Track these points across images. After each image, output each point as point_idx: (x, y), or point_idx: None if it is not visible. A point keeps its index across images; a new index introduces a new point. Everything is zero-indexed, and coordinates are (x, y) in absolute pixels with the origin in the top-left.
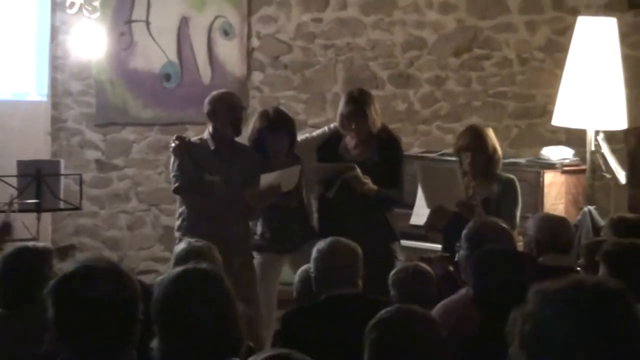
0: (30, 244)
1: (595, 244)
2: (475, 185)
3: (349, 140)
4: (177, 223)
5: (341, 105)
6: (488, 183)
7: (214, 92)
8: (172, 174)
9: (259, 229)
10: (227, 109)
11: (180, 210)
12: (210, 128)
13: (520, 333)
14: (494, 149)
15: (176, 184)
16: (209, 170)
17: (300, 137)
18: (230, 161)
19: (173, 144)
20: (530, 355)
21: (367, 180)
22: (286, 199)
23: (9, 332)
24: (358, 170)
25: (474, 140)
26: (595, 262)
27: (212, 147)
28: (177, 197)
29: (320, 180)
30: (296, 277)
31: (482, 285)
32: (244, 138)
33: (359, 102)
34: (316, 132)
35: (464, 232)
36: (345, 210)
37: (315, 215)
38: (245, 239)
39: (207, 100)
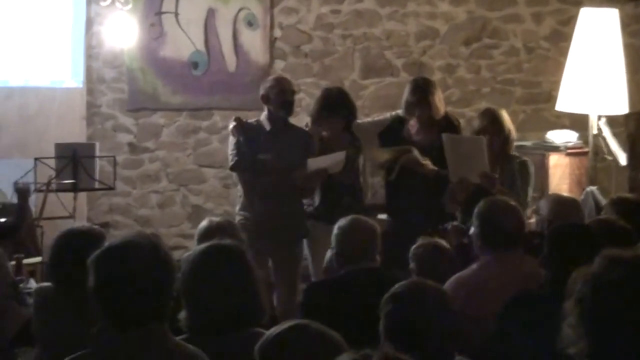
0: (86, 225)
1: (596, 222)
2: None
3: (412, 126)
4: (238, 199)
5: (406, 93)
6: (503, 163)
7: (268, 78)
8: (229, 152)
9: (316, 200)
10: (278, 93)
11: (239, 189)
12: (265, 111)
13: (579, 290)
14: (509, 131)
15: (232, 162)
16: (263, 150)
17: (360, 120)
18: (283, 141)
19: (231, 125)
20: (584, 311)
21: (427, 162)
22: (341, 175)
23: (59, 308)
24: (415, 152)
25: (491, 123)
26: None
27: (267, 128)
28: (235, 175)
29: (381, 164)
30: (327, 254)
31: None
32: (300, 120)
33: (424, 91)
34: (377, 117)
35: (475, 210)
36: (408, 191)
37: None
38: (296, 216)
39: (261, 86)
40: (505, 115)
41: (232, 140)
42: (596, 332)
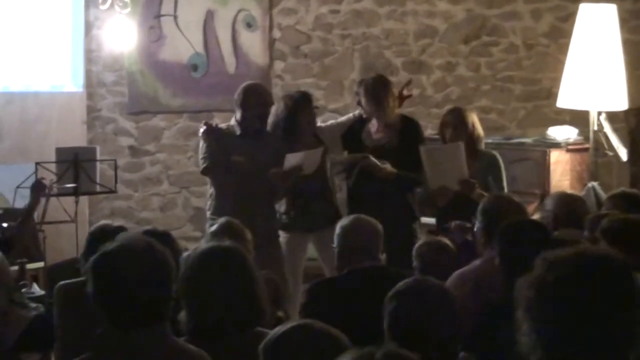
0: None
1: (597, 218)
2: None
3: (372, 126)
4: (208, 203)
5: (363, 94)
6: (471, 160)
7: (247, 83)
8: (200, 157)
9: (282, 207)
10: (258, 104)
11: (210, 191)
12: (237, 115)
13: (525, 298)
14: (474, 126)
15: (204, 165)
16: (235, 153)
17: (324, 123)
18: (255, 143)
19: (201, 129)
20: (532, 318)
21: (385, 165)
22: (309, 180)
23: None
24: (371, 158)
25: (455, 117)
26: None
27: (238, 133)
28: (208, 180)
29: (339, 172)
30: None
31: (509, 253)
32: None
33: (379, 89)
34: (341, 119)
35: (480, 206)
36: (367, 195)
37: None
38: (270, 218)
39: (239, 90)
40: (471, 113)
41: (202, 144)
42: (548, 337)
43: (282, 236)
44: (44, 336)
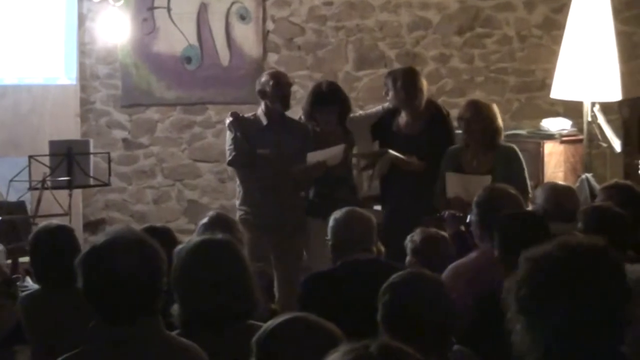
0: (53, 224)
1: (591, 210)
2: (478, 155)
3: (402, 118)
4: (236, 193)
5: (390, 86)
6: (490, 153)
7: (263, 73)
8: (227, 148)
9: (311, 194)
10: (274, 86)
11: (238, 183)
12: (262, 105)
13: (517, 299)
14: (491, 120)
15: (230, 157)
16: (261, 144)
17: (353, 113)
18: (281, 135)
19: (228, 120)
20: (529, 318)
21: (412, 159)
22: (334, 169)
23: (51, 310)
24: (392, 152)
25: (470, 110)
26: (593, 226)
27: (265, 123)
28: (235, 173)
29: (364, 167)
30: None
31: (508, 245)
32: (294, 112)
33: (408, 81)
34: (370, 110)
35: (475, 198)
36: (396, 187)
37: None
38: (297, 209)
39: (257, 81)
40: (490, 106)
41: (229, 135)
42: (545, 335)
43: (309, 221)
44: None
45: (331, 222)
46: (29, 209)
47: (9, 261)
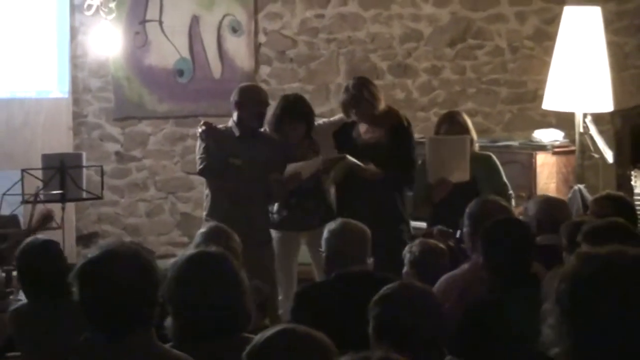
0: (40, 239)
1: (573, 225)
2: None
3: (362, 126)
4: (204, 205)
5: (340, 95)
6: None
7: (243, 84)
8: (197, 157)
9: (275, 207)
10: (255, 104)
11: (206, 192)
12: (235, 117)
13: (557, 290)
14: (467, 129)
15: (201, 166)
16: (233, 155)
17: (317, 122)
18: (253, 146)
19: (200, 129)
20: (564, 311)
21: (369, 166)
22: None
23: (38, 323)
24: (349, 159)
25: (447, 119)
26: (576, 241)
27: (237, 134)
28: (204, 182)
29: (322, 172)
30: None
31: (493, 253)
32: None
33: (354, 89)
34: (333, 118)
35: (467, 210)
36: (352, 196)
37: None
38: (265, 220)
39: (236, 91)
40: (464, 117)
41: (200, 144)
42: (577, 330)
43: (275, 235)
44: None
45: (325, 233)
46: (22, 223)
47: (3, 275)
